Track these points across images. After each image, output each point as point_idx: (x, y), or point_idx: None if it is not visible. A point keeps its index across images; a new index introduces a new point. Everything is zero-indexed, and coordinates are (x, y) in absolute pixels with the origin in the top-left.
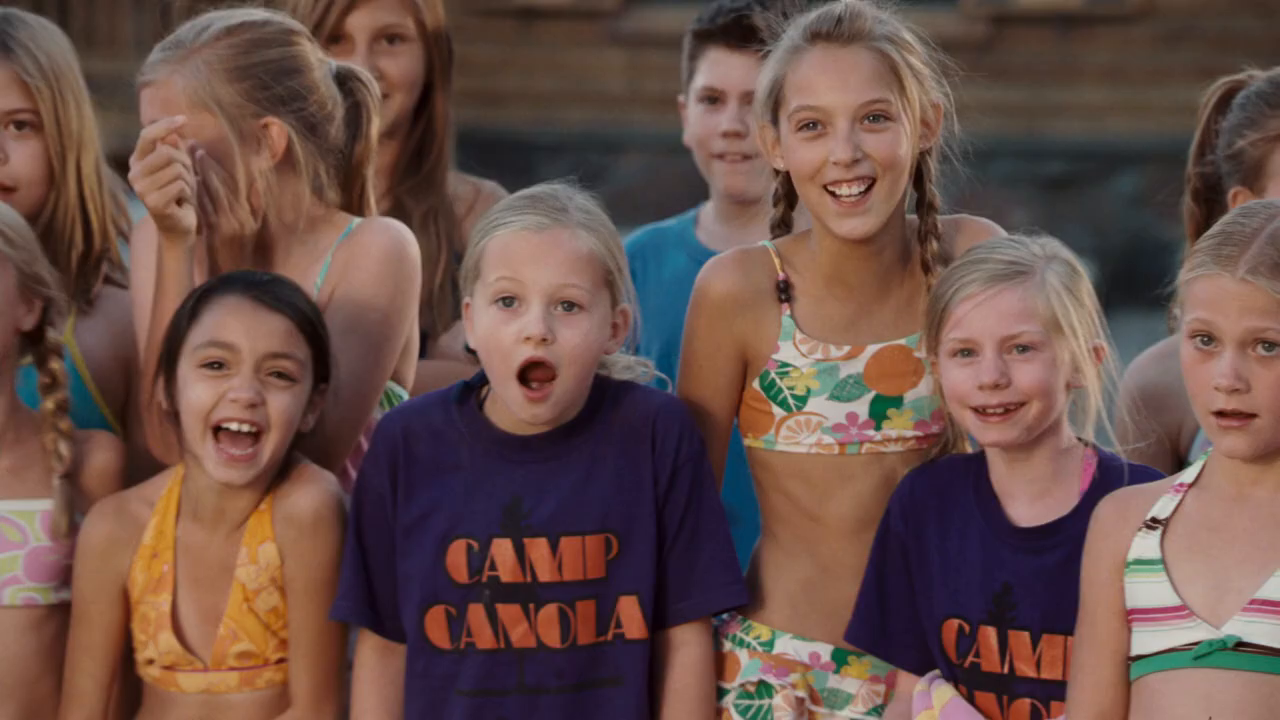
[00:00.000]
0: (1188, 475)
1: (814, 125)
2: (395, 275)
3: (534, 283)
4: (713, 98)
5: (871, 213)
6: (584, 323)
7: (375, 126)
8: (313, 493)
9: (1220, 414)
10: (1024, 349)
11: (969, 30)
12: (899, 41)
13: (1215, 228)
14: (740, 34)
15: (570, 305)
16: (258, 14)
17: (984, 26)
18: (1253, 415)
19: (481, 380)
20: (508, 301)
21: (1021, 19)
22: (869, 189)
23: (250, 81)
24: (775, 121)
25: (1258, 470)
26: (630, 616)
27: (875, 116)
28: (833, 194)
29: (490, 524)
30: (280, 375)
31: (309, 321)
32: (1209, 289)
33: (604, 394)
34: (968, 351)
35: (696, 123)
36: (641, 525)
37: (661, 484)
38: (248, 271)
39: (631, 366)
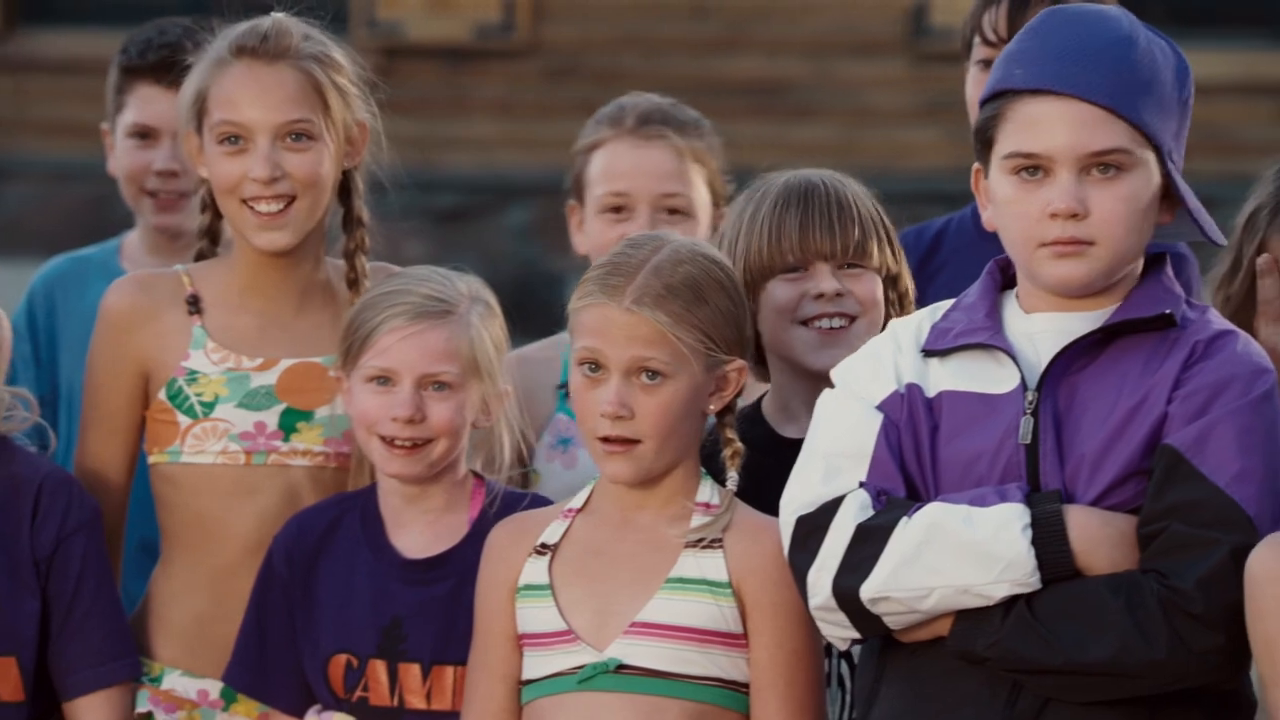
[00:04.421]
0: (577, 501)
1: (235, 140)
2: None
3: None
4: (144, 134)
5: (290, 228)
6: None
7: None
8: None
9: (605, 440)
10: (441, 387)
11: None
12: (326, 61)
13: (604, 257)
14: (173, 73)
15: None
16: None
17: (376, 59)
18: (636, 441)
19: None
20: None
21: (412, 52)
22: (288, 205)
23: None
24: (199, 130)
25: (642, 495)
26: (7, 678)
27: (297, 135)
28: (252, 208)
29: None
30: None
31: None
32: (596, 318)
33: None
34: (385, 380)
35: (126, 157)
36: (20, 591)
37: (44, 556)
38: None
39: (12, 406)
